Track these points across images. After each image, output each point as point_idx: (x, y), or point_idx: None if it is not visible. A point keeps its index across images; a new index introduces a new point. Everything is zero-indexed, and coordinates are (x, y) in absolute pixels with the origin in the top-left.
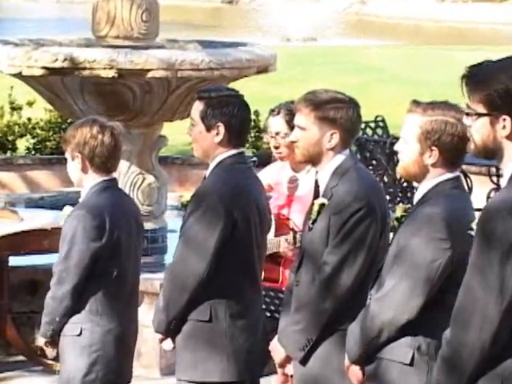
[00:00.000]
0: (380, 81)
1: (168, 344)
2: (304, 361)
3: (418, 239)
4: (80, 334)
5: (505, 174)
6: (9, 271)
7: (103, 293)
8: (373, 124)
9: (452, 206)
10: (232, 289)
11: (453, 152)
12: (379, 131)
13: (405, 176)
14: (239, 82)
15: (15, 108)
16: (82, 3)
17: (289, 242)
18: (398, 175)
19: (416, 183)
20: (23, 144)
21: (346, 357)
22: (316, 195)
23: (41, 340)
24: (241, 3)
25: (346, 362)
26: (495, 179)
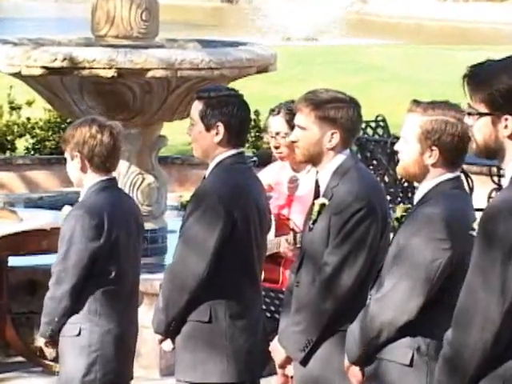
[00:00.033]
0: (381, 80)
1: (168, 345)
2: (304, 362)
3: (418, 239)
4: (79, 335)
5: (506, 174)
6: (8, 271)
7: (102, 293)
8: (373, 124)
9: (452, 206)
10: (232, 289)
11: (453, 152)
12: (380, 131)
13: (405, 176)
14: (239, 82)
15: (14, 108)
16: (82, 2)
17: (289, 243)
18: (398, 175)
19: (416, 183)
20: (22, 144)
21: (346, 357)
22: (316, 195)
23: (41, 340)
24: (241, 2)
25: (346, 363)
26: (496, 179)
